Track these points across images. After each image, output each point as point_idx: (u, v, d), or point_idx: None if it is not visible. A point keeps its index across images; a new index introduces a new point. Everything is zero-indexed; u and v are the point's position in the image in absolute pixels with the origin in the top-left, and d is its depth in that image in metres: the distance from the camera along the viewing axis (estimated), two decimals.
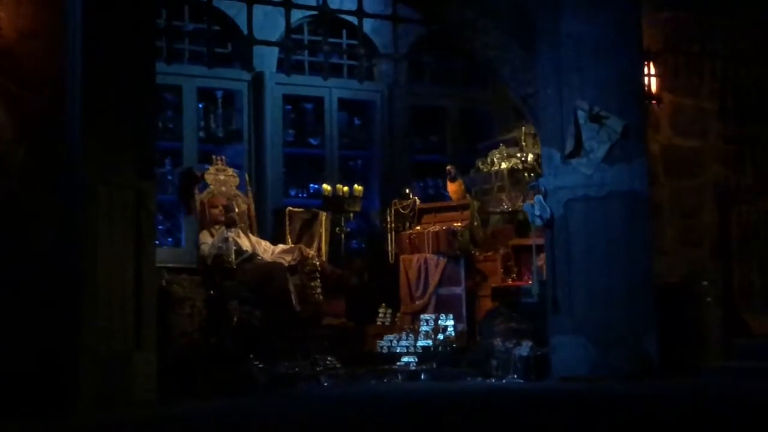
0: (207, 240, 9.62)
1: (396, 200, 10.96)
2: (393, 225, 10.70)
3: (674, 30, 9.53)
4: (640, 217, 8.68)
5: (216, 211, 9.81)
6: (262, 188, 12.09)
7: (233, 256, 9.39)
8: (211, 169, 10.44)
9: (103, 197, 7.13)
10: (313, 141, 12.86)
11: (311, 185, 12.49)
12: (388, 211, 10.86)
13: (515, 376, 8.84)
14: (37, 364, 6.93)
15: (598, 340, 8.67)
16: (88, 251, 7.05)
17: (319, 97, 12.61)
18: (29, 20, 7.44)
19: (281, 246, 10.11)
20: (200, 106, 12.45)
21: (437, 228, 10.27)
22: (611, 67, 8.77)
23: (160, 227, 11.76)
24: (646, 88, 9.27)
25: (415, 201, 10.87)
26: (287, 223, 10.40)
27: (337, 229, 11.05)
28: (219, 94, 12.45)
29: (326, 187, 11.11)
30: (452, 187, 10.61)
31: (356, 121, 13.14)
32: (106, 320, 7.09)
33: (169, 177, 11.31)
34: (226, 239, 9.37)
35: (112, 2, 7.26)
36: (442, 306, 10.04)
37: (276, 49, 12.29)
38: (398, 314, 10.38)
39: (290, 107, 12.84)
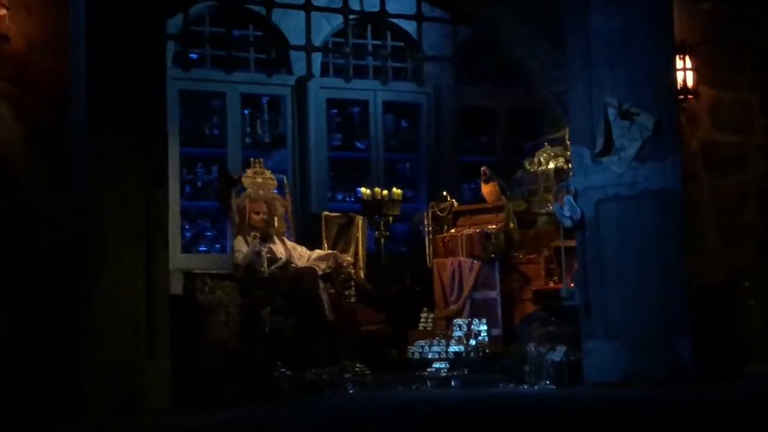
0: (242, 248, 9.53)
1: (434, 203, 10.76)
2: (431, 228, 10.48)
3: (713, 21, 9.21)
4: (674, 217, 8.37)
5: (257, 217, 9.70)
6: (306, 193, 12.02)
7: (265, 266, 9.26)
8: (249, 172, 10.34)
9: (110, 205, 7.09)
10: (360, 145, 12.75)
11: (358, 189, 12.36)
12: (425, 214, 10.66)
13: (548, 382, 8.59)
14: (42, 374, 6.89)
15: (632, 344, 8.38)
16: (94, 259, 7.00)
17: (364, 100, 12.47)
18: (39, 29, 7.45)
19: (318, 251, 9.99)
20: (245, 112, 12.43)
21: (471, 231, 10.04)
22: (642, 61, 8.47)
23: (207, 233, 11.78)
24: (682, 83, 8.95)
25: (452, 204, 10.65)
26: (323, 228, 10.22)
27: (377, 233, 10.90)
28: (264, 100, 12.41)
29: (365, 190, 10.98)
30: (486, 189, 10.38)
31: (403, 124, 12.99)
32: (115, 329, 7.04)
33: (216, 184, 11.28)
34: (258, 253, 9.24)
35: (117, 11, 7.18)
36: (477, 310, 9.81)
37: (320, 54, 12.21)
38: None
39: (336, 111, 12.75)
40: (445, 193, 10.91)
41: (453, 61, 12.23)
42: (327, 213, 10.49)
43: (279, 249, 9.73)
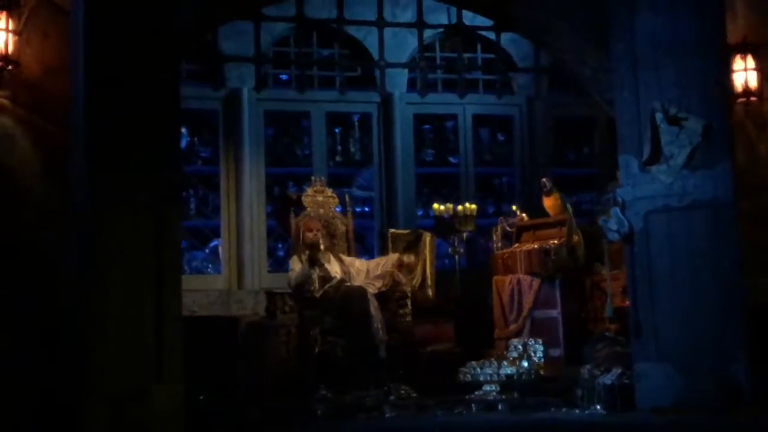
0: (296, 267, 9.39)
1: (502, 217, 10.37)
2: (500, 244, 10.09)
3: None
4: (726, 229, 7.77)
5: (311, 235, 9.54)
6: (393, 210, 11.85)
7: (316, 285, 9.09)
8: (309, 191, 10.20)
9: (115, 226, 7.01)
10: (453, 160, 12.50)
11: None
12: (494, 230, 10.29)
13: (598, 406, 8.08)
14: (41, 401, 6.87)
15: (684, 367, 7.82)
16: (98, 282, 6.92)
17: (453, 114, 12.22)
18: (55, 54, 7.48)
19: (378, 260, 9.75)
20: (336, 130, 12.38)
21: (529, 247, 9.61)
22: (690, 63, 7.93)
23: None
24: (743, 84, 8.32)
25: (522, 219, 10.23)
26: (389, 245, 9.98)
27: (450, 249, 10.60)
28: (355, 117, 12.33)
29: (436, 206, 10.67)
30: (548, 202, 9.92)
31: (500, 137, 12.66)
32: (119, 354, 6.93)
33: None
34: (309, 275, 9.08)
35: (118, 32, 7.14)
36: (538, 330, 9.37)
37: (406, 70, 12.04)
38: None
39: (429, 126, 12.55)
40: (514, 207, 10.52)
41: (546, 71, 11.85)
42: (393, 230, 10.23)
43: (334, 268, 9.54)
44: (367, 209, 12.23)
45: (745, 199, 8.15)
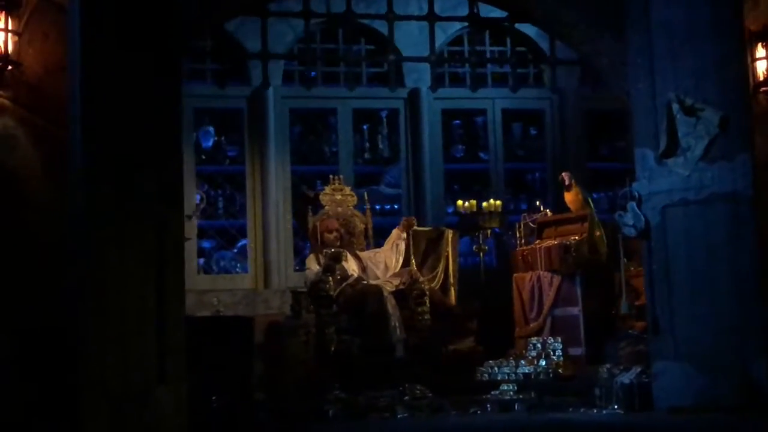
0: (313, 267, 9.28)
1: (525, 213, 10.16)
2: (524, 240, 9.88)
3: None
4: (745, 224, 7.51)
5: (330, 236, 9.42)
6: (421, 207, 11.69)
7: (332, 284, 8.96)
8: (327, 189, 10.08)
9: (112, 226, 6.89)
10: (483, 156, 12.31)
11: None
12: (517, 226, 10.08)
13: (616, 406, 7.86)
14: (40, 401, 6.81)
15: (703, 366, 7.58)
16: (94, 284, 6.83)
17: (482, 109, 12.03)
18: (56, 56, 7.45)
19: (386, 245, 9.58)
20: (365, 127, 12.26)
21: (549, 243, 9.38)
22: (707, 51, 7.68)
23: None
24: (765, 73, 8.04)
25: (545, 214, 10.01)
26: (410, 243, 9.81)
27: (475, 247, 10.41)
28: (384, 114, 12.19)
29: (460, 203, 10.48)
30: (569, 197, 9.69)
31: (532, 132, 12.45)
32: (118, 354, 6.82)
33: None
34: (323, 280, 8.96)
35: (115, 30, 7.03)
36: (559, 328, 9.15)
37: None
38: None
39: (459, 122, 12.38)
40: (538, 203, 10.30)
41: (578, 64, 11.61)
42: (416, 227, 10.05)
43: (351, 266, 9.41)
44: (396, 206, 12.08)
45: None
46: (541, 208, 10.13)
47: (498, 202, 10.42)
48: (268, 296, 11.32)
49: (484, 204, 10.38)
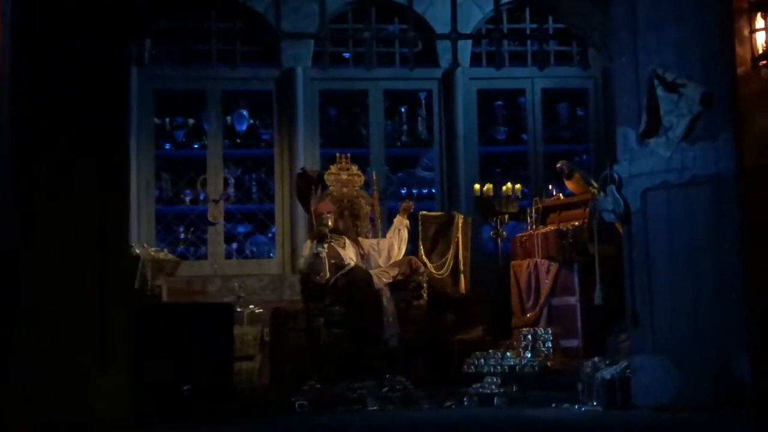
0: (306, 253, 9.00)
1: (537, 198, 9.67)
2: (535, 226, 9.40)
3: None
4: (728, 208, 6.92)
5: (326, 218, 9.11)
6: (454, 192, 11.31)
7: (326, 272, 8.66)
8: (333, 168, 9.77)
9: (48, 210, 6.69)
10: (526, 137, 11.84)
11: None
12: (528, 211, 9.60)
13: (595, 403, 7.38)
14: None
15: (683, 360, 7.05)
16: (28, 274, 6.64)
17: (520, 89, 11.55)
18: None
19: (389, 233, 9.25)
20: (402, 109, 11.96)
21: (546, 229, 8.87)
22: (692, 23, 7.12)
23: None
24: (765, 45, 7.38)
25: (558, 198, 9.51)
26: (419, 228, 9.44)
27: (492, 233, 9.97)
28: (422, 95, 11.86)
29: (477, 187, 10.04)
30: (571, 185, 9.18)
31: (579, 112, 11.92)
32: (52, 341, 6.64)
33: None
34: (317, 254, 8.66)
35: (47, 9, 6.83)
36: (556, 319, 8.65)
37: (469, 43, 11.48)
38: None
39: (501, 102, 11.95)
40: (551, 186, 9.79)
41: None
42: (425, 212, 9.68)
43: (349, 253, 9.07)
44: (435, 191, 11.72)
45: None
46: (554, 192, 9.61)
47: (518, 186, 9.94)
48: (294, 281, 11.04)
49: (504, 188, 9.89)
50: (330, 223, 8.98)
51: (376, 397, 7.80)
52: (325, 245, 8.76)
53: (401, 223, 9.25)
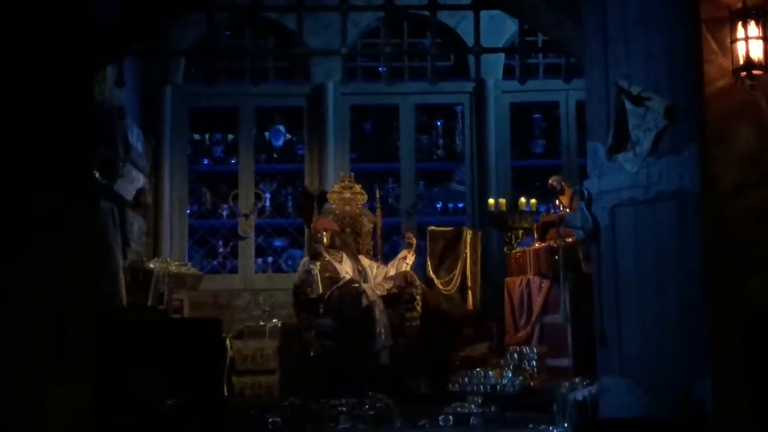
0: (301, 268, 9.02)
1: (543, 213, 9.46)
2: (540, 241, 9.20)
3: None
4: (692, 225, 6.64)
5: (324, 236, 9.14)
6: (486, 205, 11.17)
7: (318, 286, 8.66)
8: (336, 187, 9.77)
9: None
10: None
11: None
12: (535, 226, 9.41)
13: (566, 425, 7.19)
14: None
15: (648, 383, 6.81)
16: None
17: (554, 101, 11.37)
18: None
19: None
20: (438, 123, 11.92)
21: (538, 246, 8.66)
22: (659, 34, 6.88)
23: None
24: (744, 56, 7.07)
25: (565, 212, 9.28)
26: (427, 243, 9.36)
27: (506, 248, 9.80)
28: (459, 108, 11.79)
29: (492, 201, 9.90)
30: (565, 201, 8.94)
31: None
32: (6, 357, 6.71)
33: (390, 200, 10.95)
34: (309, 272, 8.66)
35: None
36: (547, 337, 8.44)
37: (501, 56, 11.35)
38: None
39: (540, 116, 11.80)
40: (557, 201, 9.58)
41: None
42: (433, 227, 9.59)
43: (345, 268, 9.05)
44: (461, 205, 11.62)
45: (753, 189, 6.90)
46: (561, 207, 9.39)
47: (533, 201, 9.74)
48: None
49: (520, 201, 9.72)
50: (325, 241, 8.96)
51: (350, 416, 7.70)
52: (318, 262, 8.73)
53: (405, 256, 9.17)
